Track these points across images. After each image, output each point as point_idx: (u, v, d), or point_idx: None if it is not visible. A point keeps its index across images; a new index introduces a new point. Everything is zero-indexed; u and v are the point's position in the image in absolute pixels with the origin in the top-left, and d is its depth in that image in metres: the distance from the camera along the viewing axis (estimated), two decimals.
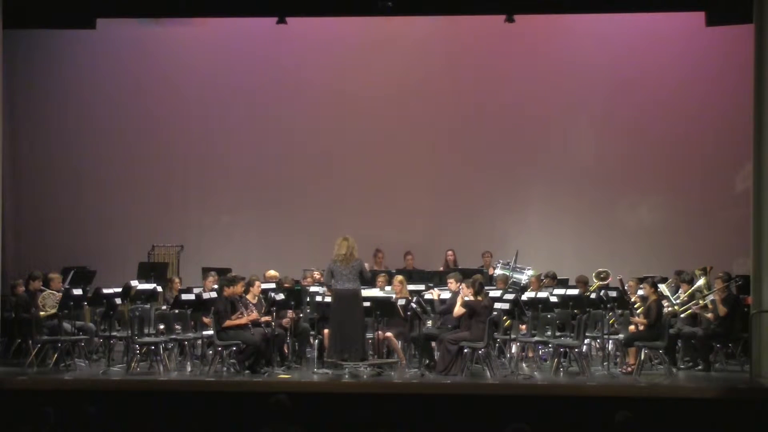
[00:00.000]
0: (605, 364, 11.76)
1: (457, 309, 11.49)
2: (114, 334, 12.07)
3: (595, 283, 13.16)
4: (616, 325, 12.40)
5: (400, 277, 12.40)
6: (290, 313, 11.92)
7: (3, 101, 12.32)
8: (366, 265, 12.09)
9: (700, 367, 11.87)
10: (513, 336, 12.17)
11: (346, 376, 11.00)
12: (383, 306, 11.59)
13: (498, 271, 13.75)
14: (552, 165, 16.12)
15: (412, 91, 16.14)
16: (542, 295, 12.26)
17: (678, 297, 12.53)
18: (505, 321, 12.20)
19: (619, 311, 12.31)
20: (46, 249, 15.69)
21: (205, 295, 11.84)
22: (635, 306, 12.12)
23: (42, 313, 11.92)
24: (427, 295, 12.36)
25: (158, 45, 16.33)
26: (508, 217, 16.15)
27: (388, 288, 12.40)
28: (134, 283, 12.77)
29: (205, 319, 11.96)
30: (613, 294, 12.30)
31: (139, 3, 14.15)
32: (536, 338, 12.03)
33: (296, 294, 12.24)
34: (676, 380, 11.30)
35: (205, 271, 13.26)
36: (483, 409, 10.12)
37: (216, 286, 12.20)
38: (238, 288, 11.70)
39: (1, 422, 9.43)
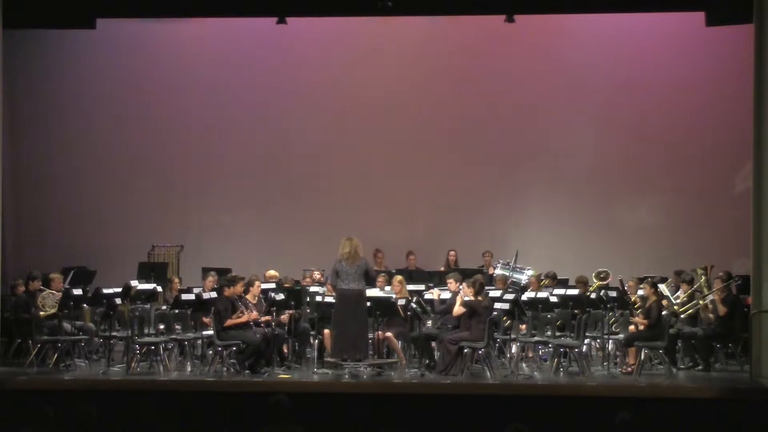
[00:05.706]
0: (605, 364, 11.76)
1: (456, 308, 11.48)
2: (114, 334, 12.06)
3: (595, 283, 13.16)
4: (614, 328, 12.39)
5: (399, 277, 12.36)
6: (288, 311, 11.92)
7: (2, 101, 12.30)
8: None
9: (700, 367, 11.87)
10: (513, 336, 12.16)
11: (346, 376, 10.99)
12: (383, 306, 11.57)
13: (498, 271, 13.75)
14: (552, 165, 16.11)
15: (412, 90, 16.13)
16: (542, 295, 12.25)
17: (678, 297, 12.53)
18: (505, 321, 12.19)
19: (619, 311, 12.32)
20: (46, 249, 15.68)
21: (205, 295, 11.85)
22: (635, 306, 12.12)
23: (42, 313, 11.91)
24: (427, 295, 12.35)
25: (158, 45, 16.32)
26: (508, 217, 16.13)
27: (387, 288, 12.38)
28: (134, 283, 12.75)
29: (205, 319, 11.96)
30: (613, 294, 12.30)
31: (139, 3, 14.13)
32: (536, 338, 12.03)
33: (296, 294, 12.23)
34: (676, 380, 11.29)
35: (205, 271, 13.24)
36: (483, 409, 10.11)
37: (216, 287, 12.20)
38: (238, 288, 11.69)
39: (1, 422, 9.42)
